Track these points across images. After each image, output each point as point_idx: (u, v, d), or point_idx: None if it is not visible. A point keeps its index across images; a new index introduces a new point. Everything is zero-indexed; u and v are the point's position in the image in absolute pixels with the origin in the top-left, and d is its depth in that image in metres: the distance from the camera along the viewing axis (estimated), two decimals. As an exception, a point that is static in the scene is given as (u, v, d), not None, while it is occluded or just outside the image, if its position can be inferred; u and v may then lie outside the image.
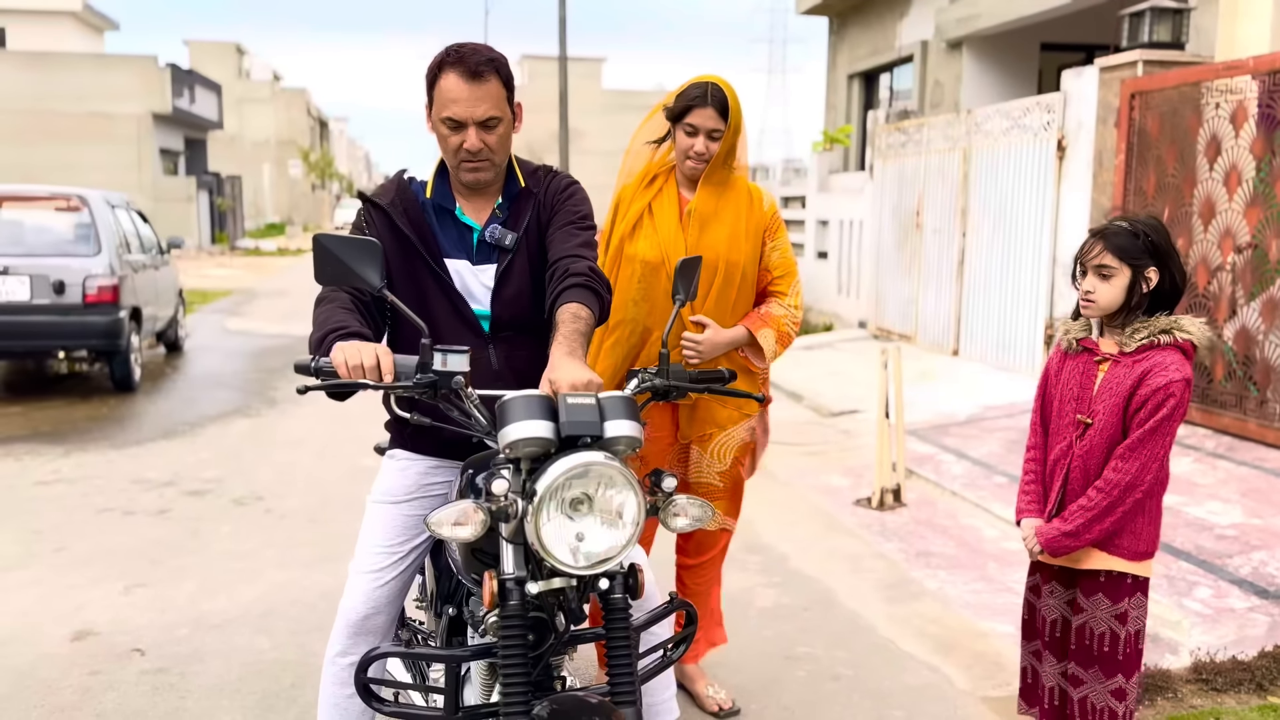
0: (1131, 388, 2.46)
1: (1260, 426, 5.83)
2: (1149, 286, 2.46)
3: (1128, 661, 2.57)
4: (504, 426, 1.83)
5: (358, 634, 2.35)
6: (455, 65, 2.19)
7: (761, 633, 3.83)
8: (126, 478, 5.85)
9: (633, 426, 1.88)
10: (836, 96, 15.12)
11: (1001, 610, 4.04)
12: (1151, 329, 2.46)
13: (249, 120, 45.37)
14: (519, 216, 2.36)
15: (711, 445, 3.08)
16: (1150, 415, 2.42)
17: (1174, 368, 2.42)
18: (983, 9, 10.83)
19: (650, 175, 3.10)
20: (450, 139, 2.24)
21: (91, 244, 8.08)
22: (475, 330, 2.32)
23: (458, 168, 2.28)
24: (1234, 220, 6.04)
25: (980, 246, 8.83)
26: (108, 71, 25.33)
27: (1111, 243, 2.46)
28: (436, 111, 2.24)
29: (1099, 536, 2.50)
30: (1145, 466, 2.43)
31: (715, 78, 2.98)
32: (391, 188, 2.37)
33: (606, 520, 1.84)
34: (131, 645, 3.66)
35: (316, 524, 5.03)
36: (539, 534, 1.79)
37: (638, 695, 1.92)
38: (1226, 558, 4.25)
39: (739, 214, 3.04)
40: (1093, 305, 2.51)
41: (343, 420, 7.11)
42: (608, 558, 1.84)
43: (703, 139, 2.93)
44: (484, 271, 2.34)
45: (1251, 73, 5.89)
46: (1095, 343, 2.58)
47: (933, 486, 5.67)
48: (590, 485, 1.82)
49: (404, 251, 2.31)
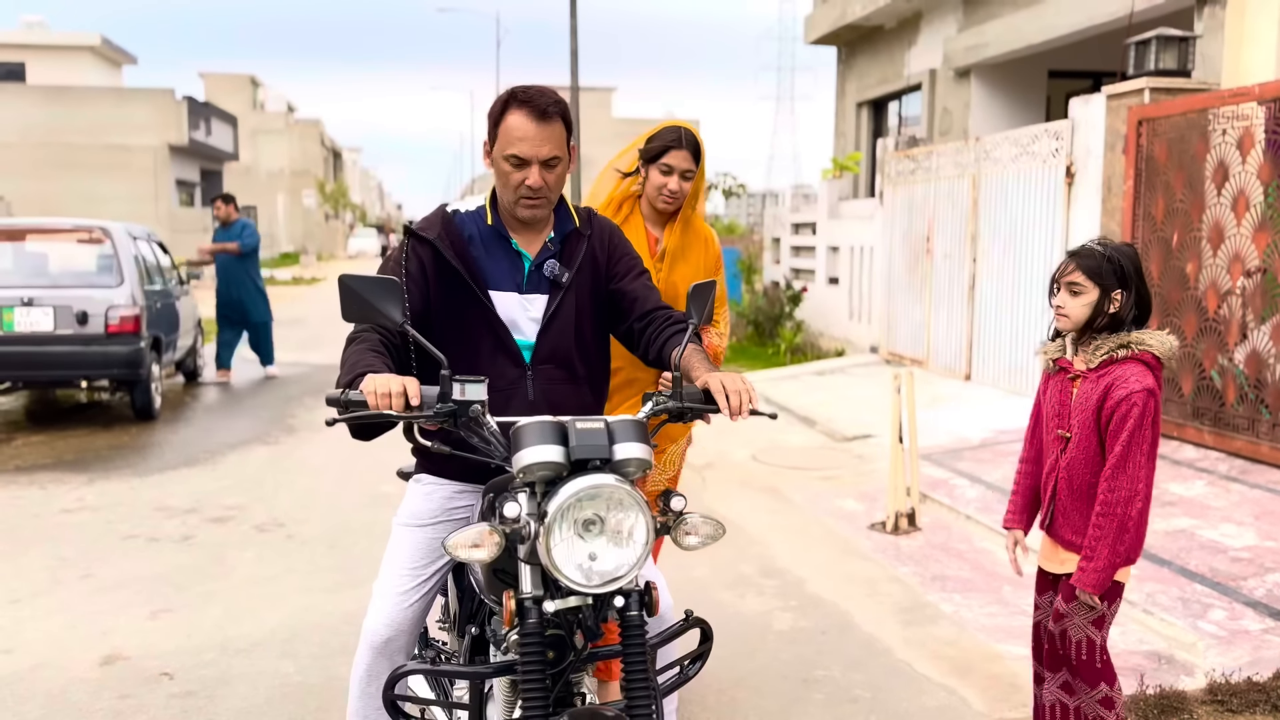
0: (1099, 401, 2.61)
1: (1273, 449, 5.85)
2: (1113, 308, 2.62)
3: (1106, 669, 2.70)
4: (517, 451, 1.93)
5: (381, 654, 2.42)
6: (524, 105, 2.29)
7: (780, 656, 3.87)
8: (150, 505, 5.94)
9: (642, 449, 1.97)
10: (845, 124, 15.25)
11: (1017, 633, 4.07)
12: (1111, 345, 2.62)
13: (264, 151, 45.88)
14: (572, 254, 2.46)
15: (664, 457, 3.31)
16: (1120, 427, 2.56)
17: (1134, 379, 2.56)
18: (990, 38, 10.96)
19: (618, 202, 3.30)
20: (513, 175, 2.32)
21: (114, 275, 8.22)
22: (516, 360, 2.40)
23: (516, 203, 2.37)
24: (1243, 245, 6.09)
25: (991, 272, 8.90)
26: (125, 105, 25.71)
27: (1083, 263, 2.64)
28: (500, 148, 2.32)
29: (1130, 553, 2.60)
30: (1134, 477, 2.55)
31: (685, 124, 3.27)
32: (437, 221, 2.44)
33: (616, 540, 1.92)
34: (160, 669, 3.73)
35: (337, 549, 5.10)
36: (550, 554, 1.87)
37: (654, 711, 1.98)
38: (1241, 580, 4.28)
39: (700, 252, 3.33)
40: (1065, 319, 2.68)
41: (362, 448, 7.18)
42: (617, 576, 1.92)
43: (677, 178, 3.17)
44: (533, 301, 2.42)
45: (1258, 99, 5.97)
46: (1069, 361, 2.73)
47: (947, 510, 5.70)
48: (600, 506, 1.91)
49: (450, 283, 2.38)
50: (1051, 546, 2.80)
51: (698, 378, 2.22)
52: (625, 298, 2.49)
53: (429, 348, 2.04)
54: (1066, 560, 2.72)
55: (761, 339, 13.22)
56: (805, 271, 13.44)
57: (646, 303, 2.48)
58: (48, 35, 31.28)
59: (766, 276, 14.81)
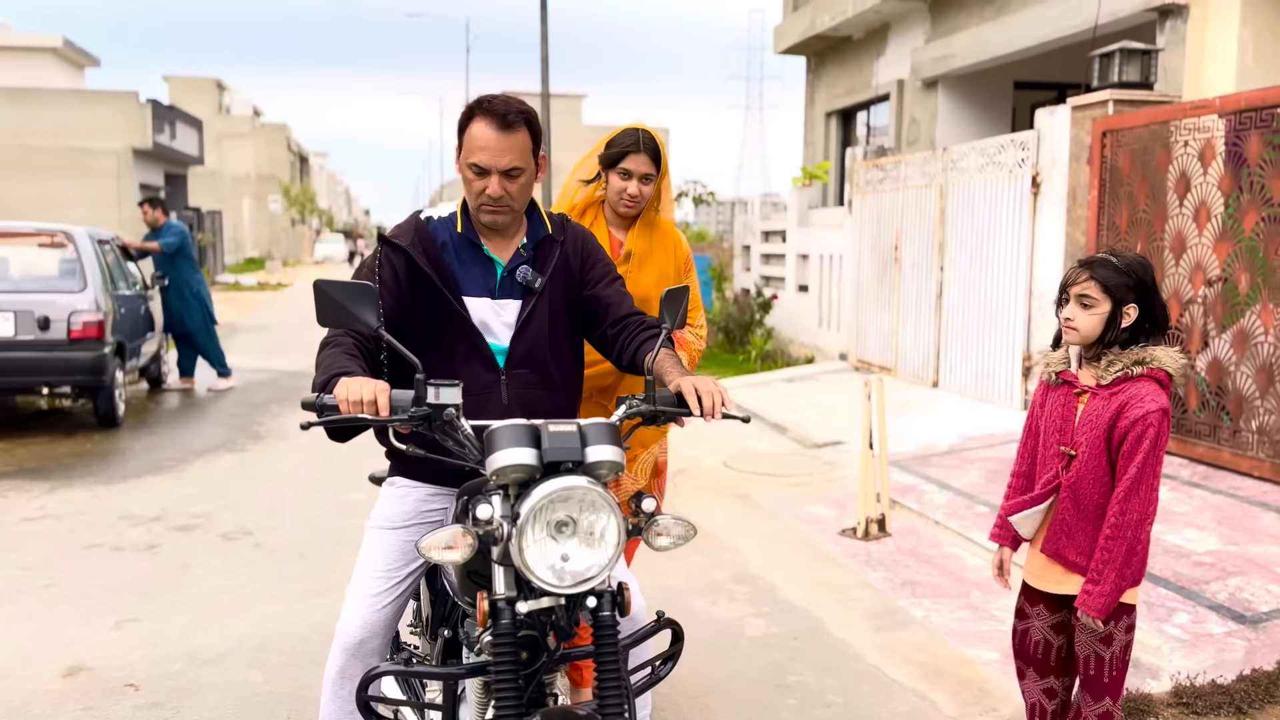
0: (1110, 420, 2.52)
1: (1234, 455, 5.96)
2: (1127, 321, 2.53)
3: (1114, 685, 2.63)
4: (491, 454, 1.95)
5: (354, 655, 2.43)
6: (487, 114, 2.32)
7: (752, 662, 3.88)
8: (114, 513, 5.85)
9: (614, 451, 2.00)
10: (814, 133, 15.36)
11: (986, 638, 4.11)
12: (1125, 361, 2.52)
13: (229, 155, 45.39)
14: (545, 260, 2.49)
15: (635, 465, 3.29)
16: (1135, 447, 2.48)
17: (1150, 399, 2.48)
18: (957, 49, 11.09)
19: (581, 209, 3.31)
20: (475, 183, 2.36)
21: (77, 280, 8.09)
22: (490, 366, 2.41)
23: (478, 210, 2.40)
24: (1204, 254, 6.21)
25: (958, 280, 8.99)
26: (88, 107, 25.34)
27: (1097, 274, 2.53)
28: (465, 156, 2.35)
29: (1135, 577, 2.54)
30: (1146, 499, 2.50)
31: (644, 125, 3.23)
32: (410, 229, 2.46)
33: (588, 541, 1.94)
34: (125, 680, 3.67)
35: (306, 558, 5.05)
36: (523, 555, 1.89)
37: (626, 710, 2.00)
38: (1204, 584, 4.35)
39: (667, 255, 3.32)
40: (1074, 333, 2.58)
41: (330, 455, 7.13)
42: (589, 576, 1.94)
43: (636, 182, 3.15)
44: (506, 307, 2.44)
45: (1218, 112, 6.08)
46: (1074, 375, 2.64)
47: (916, 516, 5.75)
48: (573, 508, 1.93)
49: (423, 289, 2.40)
50: (1047, 564, 2.68)
51: (670, 381, 2.25)
52: (599, 304, 2.51)
53: (403, 352, 2.05)
54: (1065, 581, 2.63)
55: (732, 346, 13.27)
56: (775, 279, 13.51)
57: (620, 308, 2.50)
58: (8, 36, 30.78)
59: (737, 284, 14.88)
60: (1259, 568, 4.49)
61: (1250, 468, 5.83)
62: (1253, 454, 5.84)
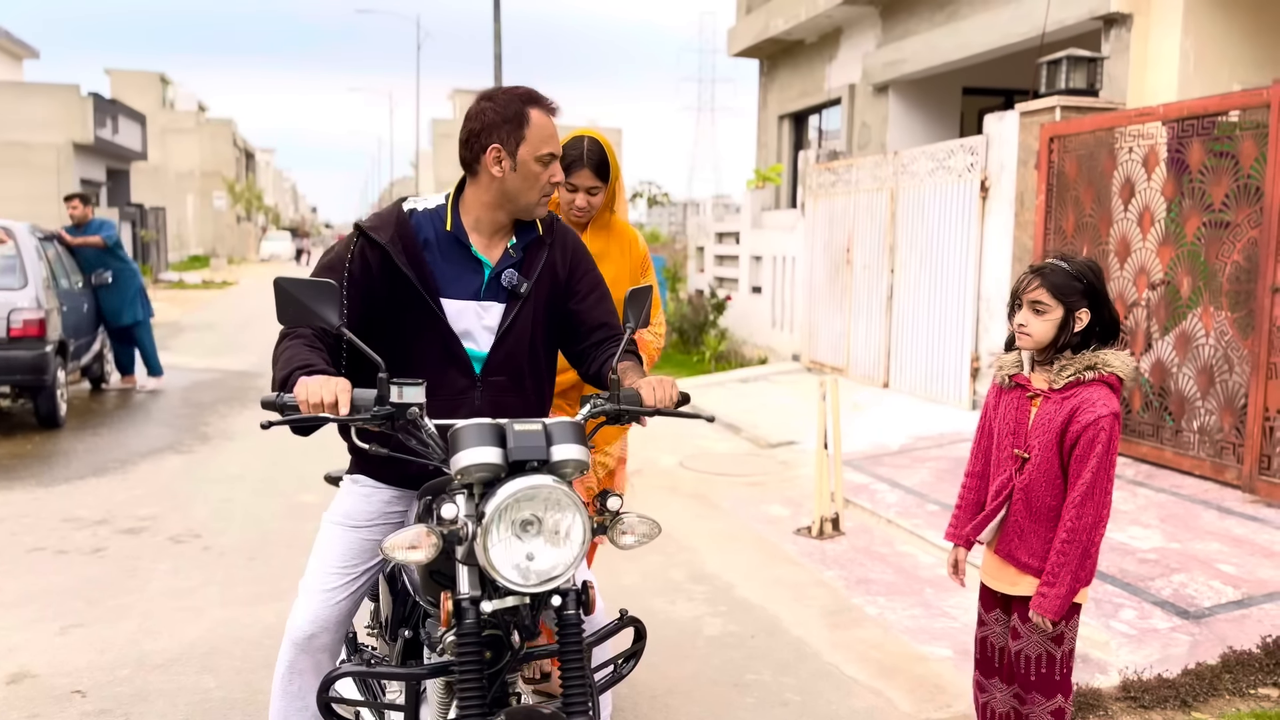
0: (1063, 424, 2.55)
1: (1176, 454, 6.11)
2: (1079, 326, 2.56)
3: (1064, 681, 2.68)
4: (455, 453, 1.94)
5: (304, 651, 2.40)
6: (544, 106, 2.33)
7: (710, 661, 3.90)
8: (56, 516, 5.70)
9: (579, 450, 2.00)
10: (767, 136, 15.47)
11: (940, 634, 4.17)
12: (1078, 365, 2.56)
13: (173, 151, 44.52)
14: (533, 262, 2.43)
15: (596, 458, 3.33)
16: (1087, 451, 2.51)
17: (1101, 403, 2.52)
18: (908, 54, 11.24)
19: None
20: (542, 174, 2.33)
21: (18, 276, 7.89)
22: (466, 371, 2.35)
23: (539, 202, 2.37)
24: (1148, 258, 6.36)
25: (908, 282, 9.11)
26: (27, 100, 24.69)
27: (1048, 280, 2.56)
28: (532, 148, 2.30)
29: (1088, 578, 2.57)
30: (1100, 503, 2.52)
31: (591, 132, 3.24)
32: (390, 222, 2.35)
33: (553, 540, 1.94)
34: (71, 687, 3.58)
35: (257, 561, 4.97)
36: (488, 554, 1.89)
37: (591, 708, 2.01)
38: (1149, 580, 4.45)
39: (623, 254, 3.35)
40: (1027, 338, 2.61)
41: (279, 457, 7.03)
42: (554, 575, 1.94)
43: (582, 195, 3.18)
44: (489, 310, 2.38)
45: (1161, 119, 6.24)
46: (1027, 379, 2.67)
47: (869, 515, 5.81)
48: (538, 507, 1.93)
49: (400, 288, 2.32)
50: (1000, 565, 2.72)
51: (629, 382, 2.27)
52: (583, 322, 2.48)
53: (366, 351, 2.02)
54: (1019, 582, 2.66)
55: (686, 346, 13.31)
56: (729, 280, 13.58)
57: (600, 322, 2.50)
58: (-58, 26, 29.87)
59: (691, 285, 14.93)
60: (1201, 564, 4.61)
61: (1191, 466, 5.98)
62: (1194, 453, 6.00)
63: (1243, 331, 5.67)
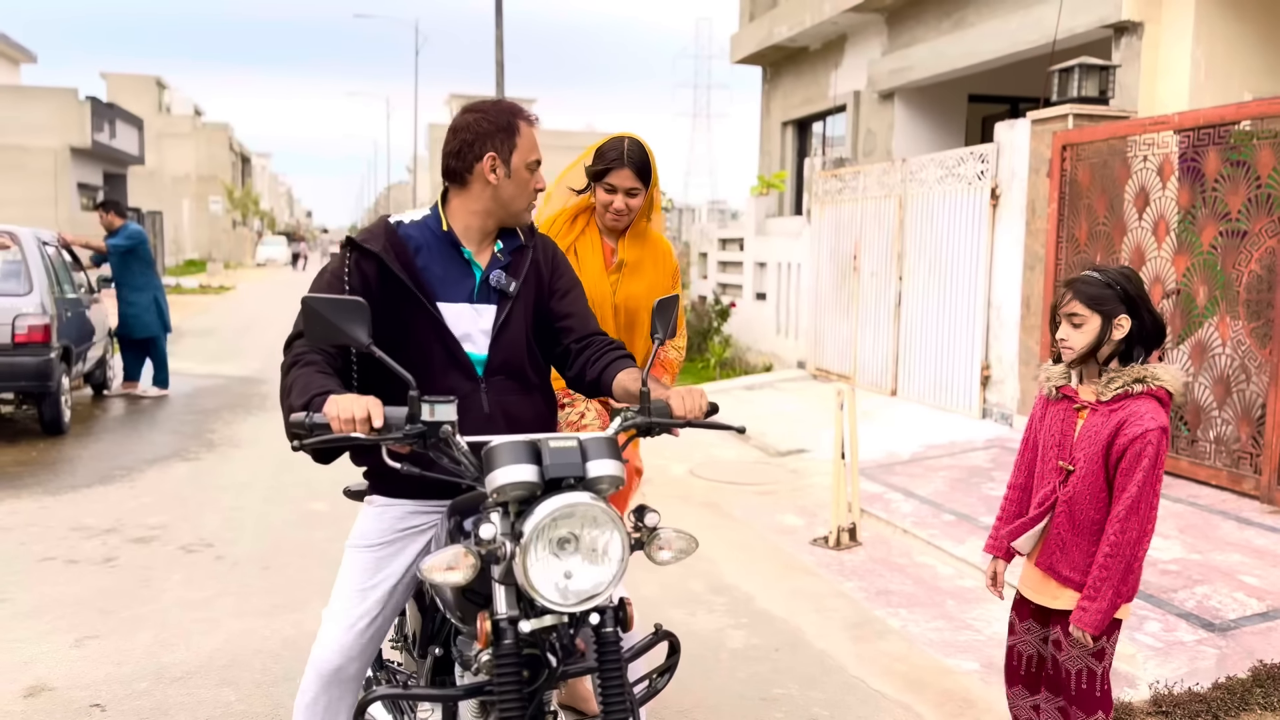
0: (1110, 437, 2.52)
1: (1192, 464, 6.09)
2: (1120, 333, 2.53)
3: (1105, 697, 2.65)
4: (490, 472, 1.91)
5: (331, 683, 2.34)
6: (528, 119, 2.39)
7: (736, 674, 3.86)
8: (65, 525, 5.64)
9: (615, 465, 1.98)
10: (770, 142, 15.45)
11: (965, 647, 4.13)
12: (1126, 378, 2.53)
13: (169, 155, 44.41)
14: (519, 266, 2.46)
15: None
16: (1133, 465, 2.48)
17: (1149, 416, 2.49)
18: (914, 61, 11.23)
19: (573, 214, 3.24)
20: (531, 181, 2.41)
21: (22, 282, 7.83)
22: (468, 373, 2.36)
23: (527, 208, 2.43)
24: (1162, 267, 6.34)
25: (917, 290, 9.09)
26: (24, 104, 24.61)
27: (1080, 292, 2.55)
28: (523, 155, 2.37)
29: (1130, 594, 2.55)
30: (1145, 518, 2.50)
31: (632, 134, 3.16)
32: (380, 233, 2.38)
33: (591, 558, 1.91)
34: (90, 700, 3.53)
35: (271, 571, 4.92)
36: (527, 574, 1.86)
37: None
38: (1172, 592, 4.42)
39: (657, 265, 3.29)
40: (1070, 352, 2.59)
41: (287, 464, 6.97)
42: (594, 594, 1.91)
43: (621, 197, 3.10)
44: (483, 312, 2.40)
45: (1175, 128, 6.22)
46: (1074, 390, 2.64)
47: (885, 525, 5.78)
48: (576, 525, 1.90)
49: (396, 296, 2.32)
50: (1041, 578, 2.69)
51: (658, 394, 2.25)
52: (565, 317, 2.49)
53: (396, 368, 2.00)
54: (1060, 596, 2.63)
55: (690, 353, 13.28)
56: (733, 286, 13.55)
57: (586, 326, 2.50)
58: (-61, 29, 29.78)
59: (694, 291, 14.90)
60: (1223, 575, 4.58)
61: (1208, 476, 5.96)
62: (1210, 463, 5.97)
63: (1260, 341, 5.65)
